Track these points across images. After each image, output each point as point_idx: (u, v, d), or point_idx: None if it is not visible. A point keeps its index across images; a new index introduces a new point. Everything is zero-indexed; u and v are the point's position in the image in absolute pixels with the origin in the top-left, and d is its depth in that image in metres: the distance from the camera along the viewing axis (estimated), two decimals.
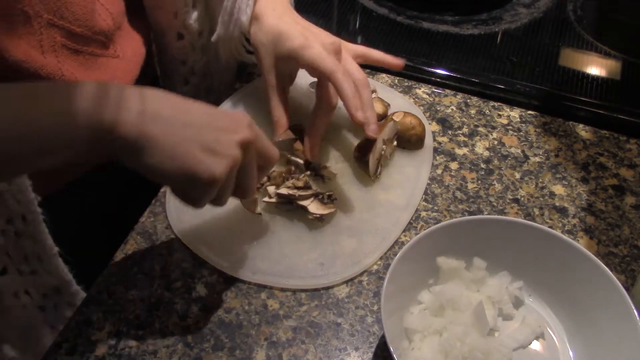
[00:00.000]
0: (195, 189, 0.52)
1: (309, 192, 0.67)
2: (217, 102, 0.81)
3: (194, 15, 0.74)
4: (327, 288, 0.63)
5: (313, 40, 0.67)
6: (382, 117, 0.76)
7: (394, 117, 0.73)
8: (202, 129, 0.52)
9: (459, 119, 0.81)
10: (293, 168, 0.70)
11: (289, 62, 0.69)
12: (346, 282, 0.64)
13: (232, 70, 0.85)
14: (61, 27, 0.61)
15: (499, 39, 0.95)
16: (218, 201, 0.55)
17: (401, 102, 0.81)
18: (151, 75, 0.79)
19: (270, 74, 0.71)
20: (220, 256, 0.65)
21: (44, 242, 0.63)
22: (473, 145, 0.78)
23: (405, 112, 0.75)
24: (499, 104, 0.83)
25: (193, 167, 0.50)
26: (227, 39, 0.76)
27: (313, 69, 0.67)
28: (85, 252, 0.67)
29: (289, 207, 0.68)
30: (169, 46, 0.77)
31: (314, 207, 0.66)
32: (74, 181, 0.70)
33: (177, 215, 0.68)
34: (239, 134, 0.53)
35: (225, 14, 0.74)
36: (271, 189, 0.68)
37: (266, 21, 0.71)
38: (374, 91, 0.78)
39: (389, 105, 0.78)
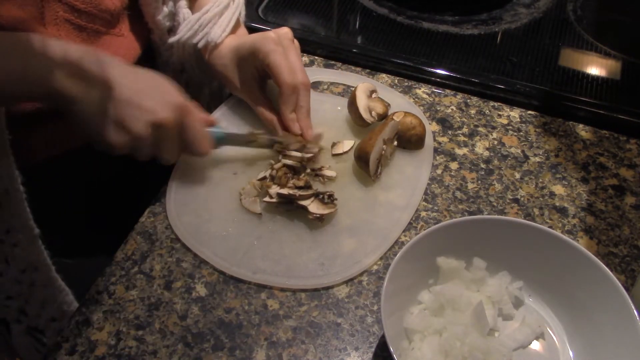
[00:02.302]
0: (104, 146, 0.62)
1: (310, 192, 0.67)
2: (211, 101, 0.82)
3: (164, 11, 0.75)
4: (327, 288, 0.63)
5: (267, 34, 0.71)
6: (383, 117, 0.76)
7: (395, 117, 0.73)
8: (122, 104, 0.60)
9: (459, 119, 0.81)
10: (288, 172, 0.70)
11: (251, 58, 0.72)
12: (346, 282, 0.64)
13: (193, 66, 0.85)
14: (64, 2, 0.64)
15: (499, 39, 0.95)
16: (135, 156, 0.64)
17: (401, 102, 0.81)
18: (153, 56, 0.80)
19: (244, 91, 0.75)
20: (220, 256, 0.65)
21: (25, 221, 0.66)
22: (473, 145, 0.78)
23: (405, 112, 0.74)
24: (499, 104, 0.83)
25: (100, 133, 0.60)
26: (185, 46, 0.78)
27: (265, 63, 0.70)
28: (69, 233, 0.73)
29: (289, 207, 0.68)
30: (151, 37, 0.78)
31: (314, 207, 0.66)
32: (57, 156, 0.72)
33: (177, 215, 0.68)
34: (152, 115, 0.61)
35: (195, 23, 0.74)
36: (273, 190, 0.68)
37: (225, 45, 0.75)
38: (374, 91, 0.78)
39: (389, 105, 0.78)
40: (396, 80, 0.86)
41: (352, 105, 0.76)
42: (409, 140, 0.74)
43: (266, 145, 0.73)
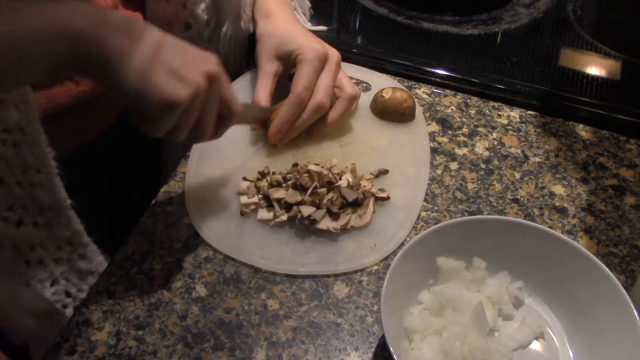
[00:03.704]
0: (156, 111, 0.52)
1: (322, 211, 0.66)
2: None
3: (202, 5, 0.76)
4: (327, 288, 0.63)
5: (315, 42, 0.72)
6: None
7: (383, 94, 0.77)
8: (172, 53, 0.53)
9: (459, 119, 0.81)
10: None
11: (286, 59, 0.74)
12: (346, 282, 0.64)
13: (239, 57, 0.87)
14: None
15: (499, 39, 0.95)
16: (174, 133, 0.56)
17: (380, 80, 0.84)
18: None
19: (267, 61, 0.75)
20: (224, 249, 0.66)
21: (57, 195, 0.64)
22: (473, 145, 0.78)
23: (393, 88, 0.78)
24: (499, 104, 0.83)
25: (157, 87, 0.51)
26: (233, 34, 0.80)
27: (295, 60, 0.72)
28: (101, 210, 0.71)
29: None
30: (176, 37, 0.78)
31: (328, 224, 0.65)
32: (91, 143, 0.72)
33: (196, 206, 0.69)
34: (206, 65, 0.55)
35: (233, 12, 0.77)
36: (306, 209, 0.65)
37: (276, 20, 0.77)
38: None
39: (369, 86, 0.82)
40: (396, 80, 0.86)
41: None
42: (403, 113, 0.77)
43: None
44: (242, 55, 0.87)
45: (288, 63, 0.74)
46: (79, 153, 0.71)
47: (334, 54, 0.73)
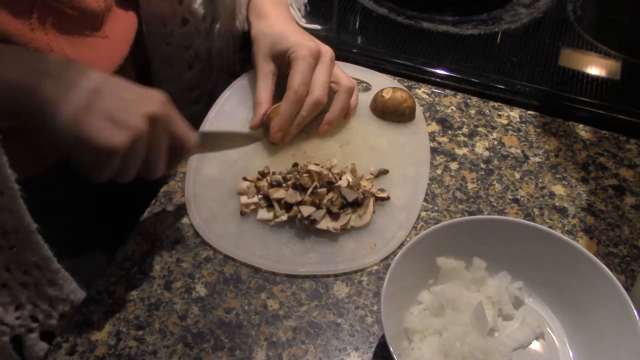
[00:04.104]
0: (94, 158, 0.52)
1: (322, 211, 0.66)
2: (217, 86, 0.84)
3: (199, 0, 0.76)
4: (327, 288, 0.63)
5: (307, 39, 0.73)
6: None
7: (383, 94, 0.77)
8: (110, 97, 0.52)
9: (459, 119, 0.81)
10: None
11: (281, 58, 0.74)
12: (346, 282, 0.64)
13: (232, 53, 0.87)
14: (54, 9, 0.63)
15: (499, 39, 0.95)
16: (122, 175, 0.55)
17: (380, 80, 0.84)
18: (142, 55, 0.80)
19: (264, 62, 0.76)
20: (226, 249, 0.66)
21: (21, 218, 0.61)
22: (473, 145, 0.78)
23: (393, 88, 0.77)
24: (499, 104, 0.83)
25: (93, 135, 0.50)
26: (228, 30, 0.81)
27: (289, 58, 0.72)
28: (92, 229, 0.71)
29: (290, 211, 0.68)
30: (172, 33, 0.78)
31: (328, 224, 0.65)
32: (54, 165, 0.70)
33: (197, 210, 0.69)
34: (148, 107, 0.53)
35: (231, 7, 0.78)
36: (306, 209, 0.65)
37: (270, 20, 0.77)
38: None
39: (369, 86, 0.82)
40: (396, 80, 0.86)
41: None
42: (403, 114, 0.77)
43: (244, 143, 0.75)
44: (235, 52, 0.87)
45: (283, 62, 0.75)
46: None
47: (327, 50, 0.73)
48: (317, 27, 0.91)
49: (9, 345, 0.65)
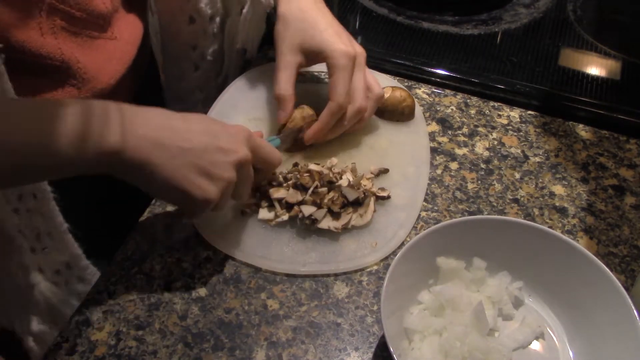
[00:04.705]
0: (192, 207, 0.57)
1: (324, 211, 0.66)
2: (225, 85, 0.82)
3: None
4: (327, 288, 0.63)
5: (344, 41, 0.69)
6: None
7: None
8: (199, 154, 0.55)
9: (459, 119, 0.81)
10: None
11: (312, 55, 0.71)
12: (346, 282, 0.64)
13: (241, 55, 0.87)
14: (62, 11, 0.63)
15: (499, 39, 0.95)
16: (216, 210, 0.59)
17: (379, 78, 0.82)
18: (148, 55, 0.80)
19: (290, 51, 0.71)
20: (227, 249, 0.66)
21: (54, 219, 0.64)
22: (473, 145, 0.78)
23: (392, 87, 0.77)
24: (499, 104, 0.83)
25: (189, 190, 0.55)
26: (252, 18, 0.79)
27: (327, 65, 0.69)
28: (95, 229, 0.71)
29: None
30: (179, 31, 0.78)
31: (329, 223, 0.65)
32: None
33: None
34: (234, 155, 0.57)
35: None
36: (307, 209, 0.65)
37: (302, 2, 0.72)
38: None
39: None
40: (396, 80, 0.86)
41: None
42: (402, 113, 0.77)
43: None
44: (258, 38, 0.85)
45: (313, 59, 0.72)
46: None
47: (361, 52, 0.70)
48: None
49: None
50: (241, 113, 0.79)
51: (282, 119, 0.72)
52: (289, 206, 0.66)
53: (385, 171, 0.72)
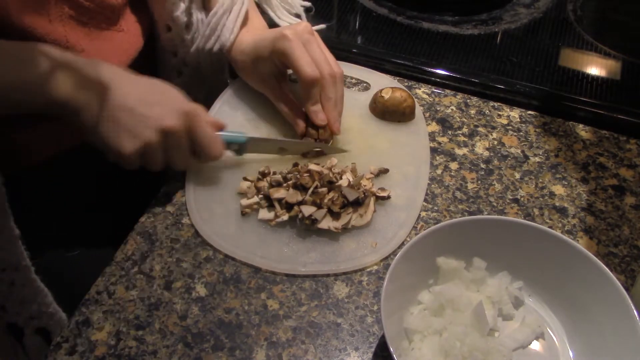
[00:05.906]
0: (110, 155, 0.63)
1: (324, 211, 0.65)
2: (209, 95, 0.82)
3: (181, 7, 0.75)
4: (327, 288, 0.63)
5: (285, 31, 0.71)
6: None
7: (383, 94, 0.77)
8: (130, 112, 0.61)
9: (458, 119, 0.81)
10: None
11: (270, 57, 0.73)
12: (346, 282, 0.64)
13: (222, 66, 0.87)
14: (71, 0, 0.64)
15: (499, 39, 0.95)
16: (148, 166, 0.64)
17: (380, 79, 0.84)
18: (152, 50, 0.80)
19: (264, 88, 0.76)
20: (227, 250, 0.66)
21: (5, 222, 0.63)
22: (473, 145, 0.78)
23: (392, 88, 0.77)
24: (499, 104, 0.83)
25: (110, 140, 0.61)
26: (206, 52, 0.79)
27: (285, 60, 0.70)
28: (96, 229, 0.75)
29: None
30: (160, 37, 0.78)
31: (329, 223, 0.65)
32: (43, 162, 0.72)
33: (197, 210, 0.69)
34: (160, 121, 0.62)
35: (206, 28, 0.76)
36: (307, 209, 0.65)
37: (244, 41, 0.76)
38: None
39: (369, 85, 0.81)
40: (396, 80, 0.86)
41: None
42: (403, 113, 0.77)
43: (295, 151, 0.74)
44: (224, 68, 0.87)
45: (274, 62, 0.73)
46: (80, 151, 0.71)
47: (304, 27, 0.71)
48: (323, 26, 0.89)
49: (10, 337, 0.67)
50: (241, 113, 0.79)
51: (300, 129, 0.74)
52: (289, 206, 0.66)
53: (385, 171, 0.72)
